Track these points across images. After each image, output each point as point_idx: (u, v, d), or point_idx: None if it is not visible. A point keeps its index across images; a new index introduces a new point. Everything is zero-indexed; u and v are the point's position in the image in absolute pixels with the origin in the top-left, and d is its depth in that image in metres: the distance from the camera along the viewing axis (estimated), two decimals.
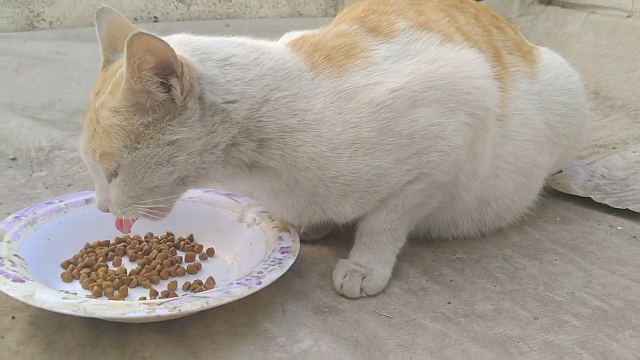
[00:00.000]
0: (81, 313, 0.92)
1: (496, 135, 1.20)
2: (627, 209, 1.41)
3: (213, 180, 1.10)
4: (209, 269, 1.21)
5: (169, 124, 0.98)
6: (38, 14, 2.90)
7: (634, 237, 1.33)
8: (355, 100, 1.06)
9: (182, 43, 1.02)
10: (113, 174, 1.00)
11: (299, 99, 1.05)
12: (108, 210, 1.05)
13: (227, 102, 1.01)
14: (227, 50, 1.04)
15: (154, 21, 3.03)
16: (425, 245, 1.31)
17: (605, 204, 1.44)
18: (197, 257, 1.24)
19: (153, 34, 0.92)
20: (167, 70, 0.94)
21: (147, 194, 1.01)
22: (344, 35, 1.13)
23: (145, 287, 1.13)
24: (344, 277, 1.14)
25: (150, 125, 0.97)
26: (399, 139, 1.07)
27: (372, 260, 1.16)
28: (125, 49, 0.91)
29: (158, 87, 0.95)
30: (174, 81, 0.95)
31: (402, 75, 1.08)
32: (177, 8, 3.06)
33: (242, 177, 1.10)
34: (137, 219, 1.06)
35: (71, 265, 1.17)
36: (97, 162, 1.00)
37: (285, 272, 1.08)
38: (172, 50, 0.92)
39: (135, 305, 0.94)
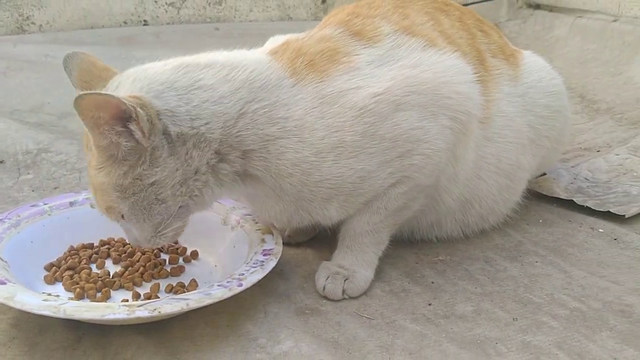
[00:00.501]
0: (61, 315, 0.93)
1: (478, 138, 1.21)
2: (608, 211, 1.42)
3: (216, 200, 1.12)
4: (192, 271, 1.22)
5: (143, 169, 1.00)
6: (28, 18, 2.90)
7: (615, 239, 1.34)
8: (338, 104, 1.06)
9: (137, 80, 1.02)
10: (119, 218, 1.06)
11: (278, 107, 1.06)
12: (145, 246, 1.11)
13: (197, 127, 1.02)
14: (191, 76, 1.03)
15: (144, 24, 3.03)
16: (408, 247, 1.32)
17: (587, 207, 1.46)
18: (180, 260, 1.24)
19: (95, 91, 0.96)
20: (123, 117, 0.95)
21: (160, 226, 1.05)
22: (327, 39, 1.13)
23: (128, 289, 1.14)
24: (327, 279, 1.15)
25: (128, 173, 1.00)
26: (381, 143, 1.08)
27: (355, 262, 1.17)
28: (76, 113, 0.93)
29: (121, 136, 0.96)
30: (132, 126, 0.96)
31: (385, 80, 1.09)
32: (167, 12, 3.06)
33: (238, 189, 1.11)
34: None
35: (54, 267, 1.17)
36: (106, 215, 1.06)
37: (269, 275, 1.09)
38: (118, 99, 0.93)
39: (115, 307, 0.95)
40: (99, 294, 1.11)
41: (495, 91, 1.24)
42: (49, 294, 1.05)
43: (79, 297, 1.10)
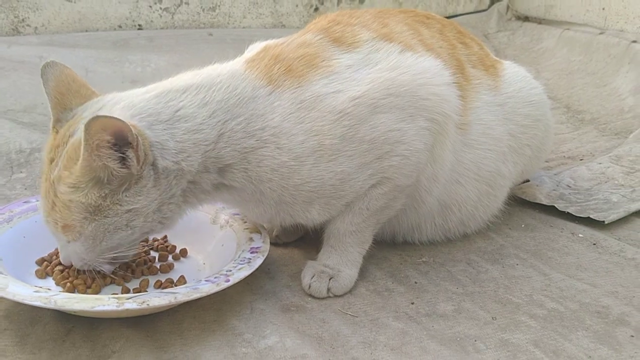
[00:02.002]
0: (51, 305, 0.95)
1: (457, 143, 1.24)
2: (589, 217, 1.46)
3: (179, 219, 1.11)
4: (181, 268, 1.24)
5: (125, 195, 1.00)
6: (23, 20, 2.92)
7: (594, 244, 1.38)
8: (317, 109, 1.09)
9: (128, 107, 1.03)
10: (76, 237, 1.03)
11: (254, 120, 1.07)
12: (77, 266, 1.08)
13: (179, 162, 1.03)
14: (172, 105, 1.04)
15: (138, 29, 3.06)
16: (393, 248, 1.35)
17: (568, 213, 1.49)
18: (170, 257, 1.27)
19: (108, 115, 0.95)
20: (124, 143, 0.96)
21: (107, 251, 1.05)
22: (307, 45, 1.16)
23: (117, 284, 1.16)
24: (312, 278, 1.18)
25: (107, 196, 1.00)
26: (360, 145, 1.10)
27: (340, 261, 1.20)
28: (83, 132, 0.93)
29: (116, 161, 0.97)
30: (130, 153, 0.97)
31: (363, 83, 1.11)
32: (161, 16, 3.09)
33: (208, 200, 1.13)
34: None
35: (45, 262, 1.19)
36: (60, 233, 1.04)
37: (256, 273, 1.12)
38: (128, 126, 0.94)
39: (105, 299, 0.97)
40: (89, 290, 1.13)
41: (474, 99, 1.27)
42: (40, 287, 1.07)
43: (69, 292, 1.12)
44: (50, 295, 0.98)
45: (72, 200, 1.00)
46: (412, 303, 1.15)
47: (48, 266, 1.18)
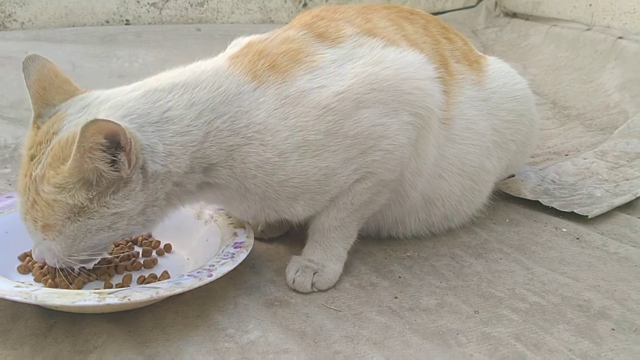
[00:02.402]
0: (32, 300, 0.95)
1: (440, 137, 1.24)
2: (572, 211, 1.47)
3: (160, 222, 1.10)
4: (165, 264, 1.24)
5: (113, 198, 0.99)
6: (9, 15, 2.90)
7: (577, 239, 1.39)
8: (301, 104, 1.09)
9: (116, 107, 1.01)
10: (55, 237, 1.01)
11: (239, 117, 1.07)
12: (49, 263, 1.06)
13: (167, 165, 1.02)
14: (160, 105, 1.03)
15: (126, 24, 3.04)
16: (377, 243, 1.35)
17: (552, 207, 1.50)
18: (154, 253, 1.27)
19: (106, 118, 0.93)
20: (116, 146, 0.95)
21: (82, 250, 1.03)
22: (291, 40, 1.16)
23: (102, 280, 1.16)
24: (296, 273, 1.18)
25: (94, 199, 0.98)
26: (344, 140, 1.11)
27: (324, 256, 1.20)
28: (79, 134, 0.92)
29: (108, 164, 0.96)
30: (122, 156, 0.96)
31: (347, 78, 1.11)
32: (149, 12, 3.08)
33: (191, 200, 1.13)
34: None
35: (28, 257, 1.19)
36: (39, 231, 1.01)
37: (240, 267, 1.12)
38: (123, 129, 0.93)
39: (86, 294, 0.97)
40: (71, 286, 1.12)
41: (458, 94, 1.28)
42: (22, 283, 1.07)
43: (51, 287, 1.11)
44: (31, 290, 0.98)
45: (57, 200, 0.98)
46: (396, 297, 1.16)
47: (30, 261, 1.17)
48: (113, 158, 0.96)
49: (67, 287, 1.11)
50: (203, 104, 1.05)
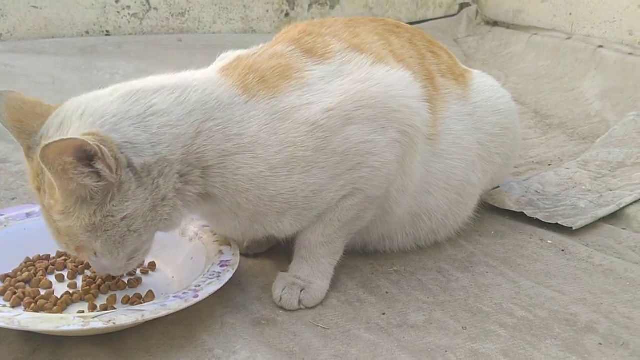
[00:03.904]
0: (15, 326, 0.93)
1: (426, 154, 1.24)
2: (557, 223, 1.48)
3: (183, 220, 1.12)
4: (149, 282, 1.22)
5: (113, 205, 0.99)
6: None
7: (562, 251, 1.39)
8: (291, 120, 1.08)
9: (87, 114, 1.00)
10: (92, 255, 1.05)
11: (232, 125, 1.07)
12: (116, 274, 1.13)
13: (159, 152, 1.01)
14: (143, 103, 1.03)
15: (106, 35, 3.02)
16: (364, 258, 1.35)
17: (537, 219, 1.51)
18: (138, 271, 1.25)
19: (57, 138, 0.91)
20: (88, 157, 0.94)
21: (132, 254, 1.06)
22: (279, 56, 1.15)
23: (87, 300, 1.14)
24: (283, 290, 1.17)
25: (97, 212, 0.98)
26: (333, 157, 1.10)
27: (311, 273, 1.20)
28: (41, 162, 0.91)
29: (88, 177, 0.95)
30: (99, 164, 0.94)
31: (336, 95, 1.11)
32: (129, 22, 3.05)
33: (200, 209, 1.13)
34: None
35: (9, 278, 1.17)
36: (77, 255, 1.06)
37: (226, 285, 1.11)
38: (82, 141, 0.91)
39: (70, 319, 0.95)
40: (55, 307, 1.10)
41: (444, 109, 1.28)
42: (4, 306, 1.05)
43: (34, 311, 1.09)
44: (14, 315, 0.95)
45: (70, 227, 0.99)
46: (384, 314, 1.15)
47: (10, 283, 1.15)
48: (92, 169, 0.95)
49: (51, 309, 1.10)
50: (193, 105, 1.05)
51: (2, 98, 1.05)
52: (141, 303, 1.12)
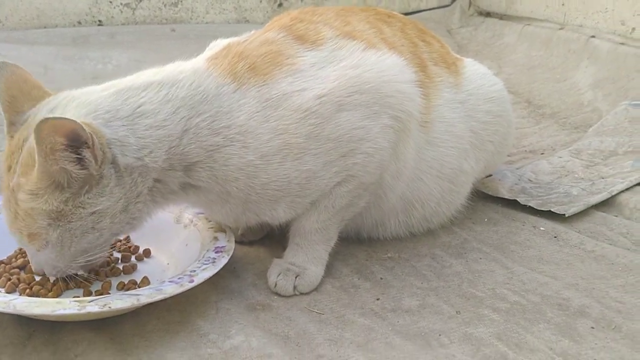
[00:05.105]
0: (10, 310, 0.93)
1: (419, 141, 1.25)
2: (550, 210, 1.49)
3: (147, 219, 1.10)
4: (144, 269, 1.22)
5: (88, 197, 0.98)
6: None
7: (555, 237, 1.41)
8: (282, 107, 1.08)
9: (82, 105, 1.00)
10: (43, 246, 1.01)
11: (220, 117, 1.06)
12: (50, 275, 1.07)
13: (141, 157, 1.01)
14: (132, 102, 1.02)
15: (99, 25, 3.01)
16: (359, 245, 1.35)
17: (530, 206, 1.52)
18: (133, 258, 1.25)
19: (58, 116, 0.92)
20: (78, 144, 0.93)
21: (78, 255, 1.03)
22: (270, 43, 1.15)
23: (80, 287, 1.14)
24: (278, 276, 1.17)
25: (69, 200, 0.97)
26: (326, 143, 1.10)
27: (305, 259, 1.20)
28: (34, 136, 0.90)
29: (73, 163, 0.94)
30: (86, 153, 0.94)
31: (328, 81, 1.11)
32: (122, 12, 3.04)
33: (177, 200, 1.12)
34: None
35: (3, 264, 1.17)
36: (26, 242, 1.01)
37: (221, 272, 1.11)
38: (80, 126, 0.91)
39: (66, 303, 0.95)
40: (50, 294, 1.10)
41: (436, 97, 1.28)
42: None
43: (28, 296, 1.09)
44: (9, 299, 0.96)
45: (34, 208, 0.97)
46: (378, 299, 1.16)
47: (4, 269, 1.15)
48: (78, 156, 0.94)
49: (46, 295, 1.10)
50: (180, 101, 1.04)
51: (5, 69, 1.05)
52: (136, 289, 1.12)
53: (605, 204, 1.53)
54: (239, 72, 1.09)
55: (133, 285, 1.14)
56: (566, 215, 1.47)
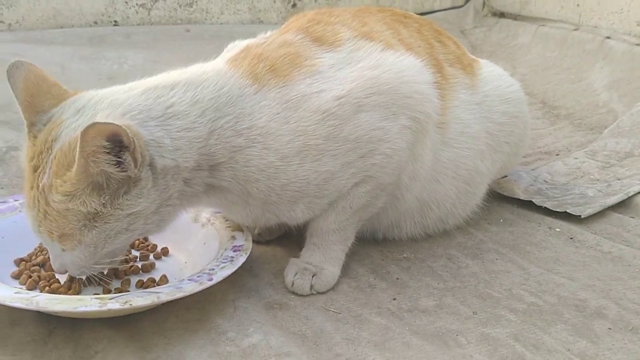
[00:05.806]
0: (33, 307, 0.94)
1: (436, 141, 1.25)
2: (565, 211, 1.48)
3: (172, 221, 1.10)
4: (163, 267, 1.23)
5: (126, 199, 0.98)
6: None
7: (571, 238, 1.40)
8: (302, 109, 1.09)
9: (114, 105, 1.00)
10: (74, 246, 1.01)
11: (242, 119, 1.07)
12: (73, 274, 1.07)
13: (176, 159, 1.01)
14: (163, 101, 1.02)
15: (114, 25, 3.03)
16: (374, 245, 1.36)
17: (545, 207, 1.52)
18: (151, 256, 1.26)
19: (104, 121, 0.92)
20: (120, 146, 0.93)
21: (105, 256, 1.03)
22: (288, 44, 1.16)
23: (101, 285, 1.15)
24: (295, 275, 1.18)
25: (107, 202, 0.97)
26: (344, 144, 1.11)
27: (322, 259, 1.21)
28: (79, 139, 0.90)
29: (114, 166, 0.95)
30: (126, 156, 0.94)
31: (347, 82, 1.12)
32: (137, 12, 3.06)
33: (199, 202, 1.13)
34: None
35: (24, 262, 1.18)
36: (56, 242, 1.01)
37: (238, 271, 1.12)
38: (124, 129, 0.91)
39: (87, 300, 0.97)
40: (69, 291, 1.12)
41: (453, 98, 1.28)
42: (21, 288, 1.06)
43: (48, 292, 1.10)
44: (32, 296, 0.97)
45: (69, 209, 0.96)
46: (394, 299, 1.16)
47: (26, 266, 1.17)
48: (118, 159, 0.94)
49: (65, 293, 1.11)
50: (207, 103, 1.05)
51: (21, 69, 1.03)
52: (155, 287, 1.13)
53: (621, 205, 1.53)
54: (260, 74, 1.10)
55: (152, 283, 1.15)
56: (582, 217, 1.47)
